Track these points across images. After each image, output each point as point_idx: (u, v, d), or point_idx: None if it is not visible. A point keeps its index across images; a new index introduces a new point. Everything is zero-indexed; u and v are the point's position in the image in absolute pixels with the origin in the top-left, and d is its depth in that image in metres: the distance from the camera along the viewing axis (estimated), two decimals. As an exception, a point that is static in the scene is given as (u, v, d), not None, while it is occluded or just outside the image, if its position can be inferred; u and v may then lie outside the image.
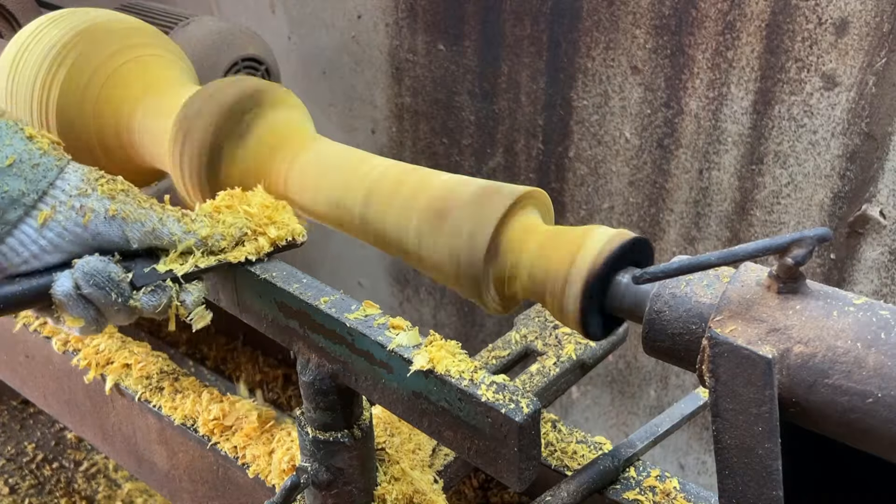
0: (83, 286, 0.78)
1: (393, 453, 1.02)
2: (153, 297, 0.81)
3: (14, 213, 0.77)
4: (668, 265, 0.69)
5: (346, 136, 2.23)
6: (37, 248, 0.78)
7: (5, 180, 0.77)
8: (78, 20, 1.08)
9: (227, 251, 0.87)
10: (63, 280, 0.78)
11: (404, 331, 0.80)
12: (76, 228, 0.79)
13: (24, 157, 0.78)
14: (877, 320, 0.62)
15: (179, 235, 0.84)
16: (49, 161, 0.80)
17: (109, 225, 0.80)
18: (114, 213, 0.81)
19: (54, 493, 2.31)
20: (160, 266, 0.83)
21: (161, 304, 0.82)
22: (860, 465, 0.69)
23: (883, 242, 1.43)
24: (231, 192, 0.94)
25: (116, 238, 0.81)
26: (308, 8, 2.13)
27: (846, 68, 1.36)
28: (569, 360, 1.12)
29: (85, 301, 0.79)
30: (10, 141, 0.78)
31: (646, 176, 1.68)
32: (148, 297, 0.81)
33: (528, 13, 1.70)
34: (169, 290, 0.82)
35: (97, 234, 0.80)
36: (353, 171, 0.96)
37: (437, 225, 0.87)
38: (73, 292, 0.78)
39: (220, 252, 0.87)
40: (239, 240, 0.89)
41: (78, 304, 0.78)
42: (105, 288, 0.78)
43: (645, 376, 1.90)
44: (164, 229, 0.83)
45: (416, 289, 2.31)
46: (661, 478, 0.98)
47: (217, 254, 0.87)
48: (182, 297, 0.83)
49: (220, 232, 0.87)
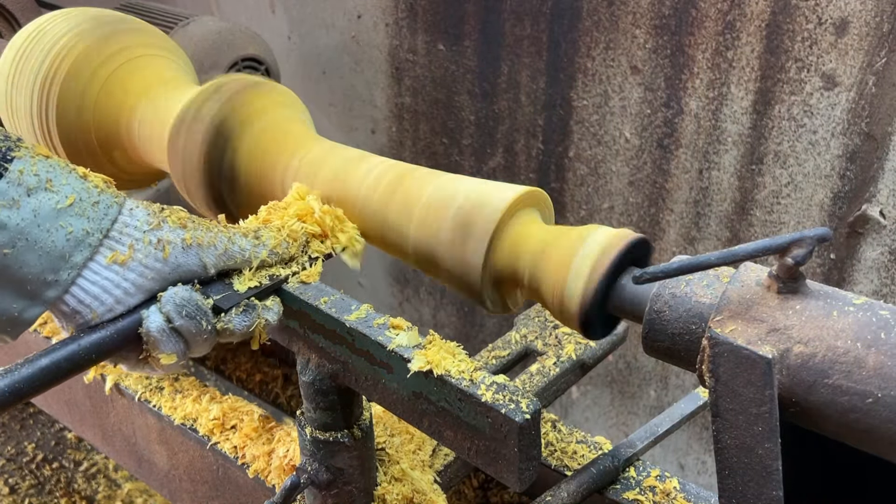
0: (175, 319, 0.75)
1: (393, 453, 1.02)
2: (245, 317, 0.79)
3: (80, 254, 0.73)
4: (668, 265, 0.68)
5: (346, 136, 2.23)
6: (121, 291, 0.75)
7: (68, 221, 0.73)
8: (78, 20, 1.08)
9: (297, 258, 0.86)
10: (154, 316, 0.75)
11: (404, 331, 0.80)
12: (157, 264, 0.76)
13: (83, 195, 0.74)
14: (877, 320, 0.61)
15: (251, 251, 0.82)
16: (108, 199, 0.76)
17: (187, 254, 0.78)
18: (189, 241, 0.78)
19: (54, 493, 2.31)
20: (239, 286, 0.81)
21: (253, 324, 0.79)
22: (860, 466, 0.69)
23: (883, 242, 1.43)
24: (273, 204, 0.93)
25: (195, 266, 0.78)
26: (308, 8, 2.13)
27: (846, 68, 1.36)
28: (569, 360, 1.12)
29: (176, 334, 0.76)
30: (67, 180, 0.74)
31: (646, 176, 1.68)
32: (239, 318, 0.78)
33: (528, 13, 1.70)
34: (256, 308, 0.80)
35: (177, 267, 0.77)
36: (353, 171, 0.96)
37: (437, 226, 0.87)
38: (165, 327, 0.75)
39: (291, 260, 0.85)
40: (305, 244, 0.88)
41: (171, 338, 0.76)
42: (196, 317, 0.76)
43: (645, 376, 1.90)
44: (234, 248, 0.81)
45: (416, 289, 2.31)
46: (661, 478, 0.98)
47: (289, 261, 0.85)
48: (264, 314, 0.81)
49: (285, 239, 0.86)
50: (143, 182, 1.20)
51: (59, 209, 0.72)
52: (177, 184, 1.06)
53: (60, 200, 0.73)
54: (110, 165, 1.13)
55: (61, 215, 0.72)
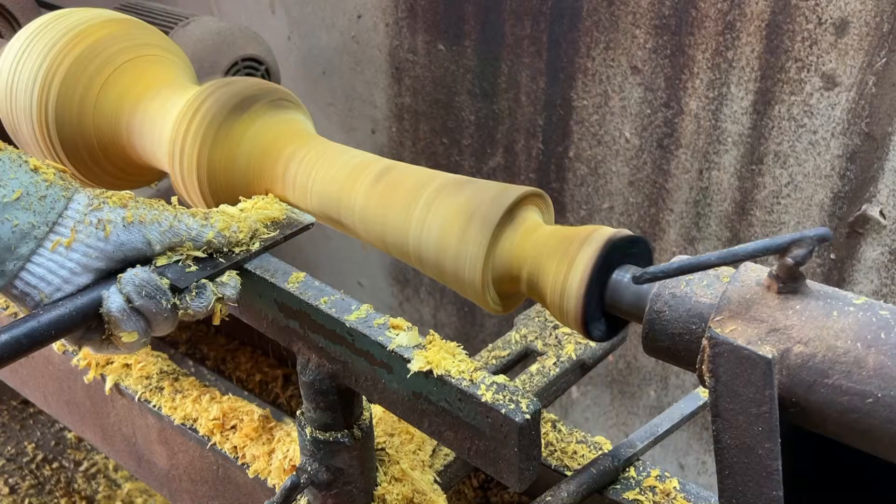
0: (135, 298, 0.78)
1: (393, 453, 1.02)
2: (201, 298, 0.81)
3: (26, 246, 0.77)
4: (668, 265, 0.68)
5: (346, 136, 2.23)
6: (66, 272, 0.78)
7: (14, 214, 0.76)
8: (78, 20, 1.08)
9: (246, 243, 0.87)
10: (114, 297, 0.78)
11: (404, 331, 0.80)
12: (99, 243, 0.79)
13: (30, 189, 0.78)
14: (877, 320, 0.61)
15: (198, 229, 0.84)
16: (56, 192, 0.79)
17: (129, 232, 0.80)
18: (130, 218, 0.81)
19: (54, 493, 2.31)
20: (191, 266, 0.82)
21: (210, 303, 0.81)
22: (860, 465, 0.69)
23: (883, 242, 1.43)
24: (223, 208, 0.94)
25: (139, 243, 0.81)
26: (308, 8, 2.13)
27: (846, 68, 1.36)
28: (569, 360, 1.12)
29: (137, 314, 0.79)
30: (15, 174, 0.78)
31: (646, 176, 1.68)
32: (196, 301, 0.81)
33: (528, 13, 1.70)
34: (208, 288, 0.82)
35: (120, 245, 0.80)
36: (352, 171, 0.96)
37: (437, 226, 0.87)
38: (126, 306, 0.78)
39: (239, 244, 0.87)
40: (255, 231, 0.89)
41: (132, 317, 0.78)
42: (156, 297, 0.78)
43: (645, 376, 1.90)
44: (181, 225, 0.83)
45: (416, 289, 2.31)
46: (661, 478, 0.98)
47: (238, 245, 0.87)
48: (222, 290, 0.83)
49: (235, 224, 0.87)
50: (143, 182, 1.21)
51: (5, 203, 0.76)
52: (176, 183, 1.06)
53: (7, 195, 0.76)
54: (110, 166, 1.13)
55: (7, 209, 0.76)
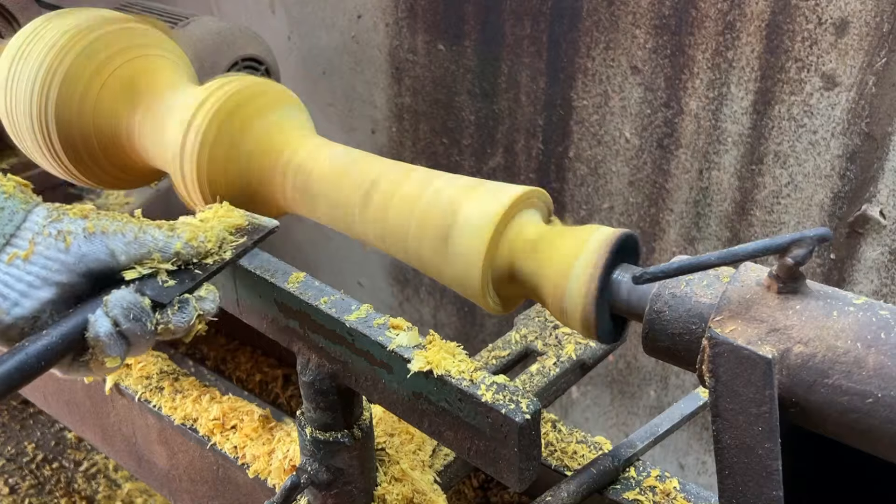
0: (122, 322, 0.75)
1: (393, 453, 1.02)
2: (182, 314, 0.78)
3: None
4: (668, 265, 0.68)
5: (346, 136, 2.23)
6: (24, 285, 0.75)
7: None
8: (77, 20, 1.08)
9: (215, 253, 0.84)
10: (101, 321, 0.75)
11: (404, 331, 0.80)
12: (60, 255, 0.76)
13: None
14: (877, 320, 0.61)
15: (164, 240, 0.81)
16: (14, 204, 0.77)
17: (91, 242, 0.77)
18: (92, 229, 0.77)
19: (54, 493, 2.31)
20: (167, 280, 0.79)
21: (192, 318, 0.78)
22: (860, 465, 0.69)
23: (883, 242, 1.43)
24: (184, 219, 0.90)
25: (102, 255, 0.77)
26: (308, 8, 2.13)
27: (846, 68, 1.36)
28: (569, 360, 1.12)
29: (122, 338, 0.76)
30: None
31: (646, 176, 1.68)
32: (178, 316, 0.78)
33: (528, 13, 1.70)
34: (190, 302, 0.79)
35: (82, 256, 0.77)
36: (353, 171, 0.96)
37: (437, 227, 0.87)
38: (113, 330, 0.75)
39: (210, 254, 0.83)
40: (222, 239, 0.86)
41: (118, 342, 0.76)
42: (141, 319, 0.76)
43: (645, 376, 1.90)
44: (146, 237, 0.80)
45: (416, 289, 2.31)
46: (661, 478, 0.98)
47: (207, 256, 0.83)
48: (201, 305, 0.80)
49: (202, 234, 0.84)
50: (142, 182, 1.21)
51: None
52: (176, 183, 1.06)
53: None
54: (110, 165, 1.13)
55: None
